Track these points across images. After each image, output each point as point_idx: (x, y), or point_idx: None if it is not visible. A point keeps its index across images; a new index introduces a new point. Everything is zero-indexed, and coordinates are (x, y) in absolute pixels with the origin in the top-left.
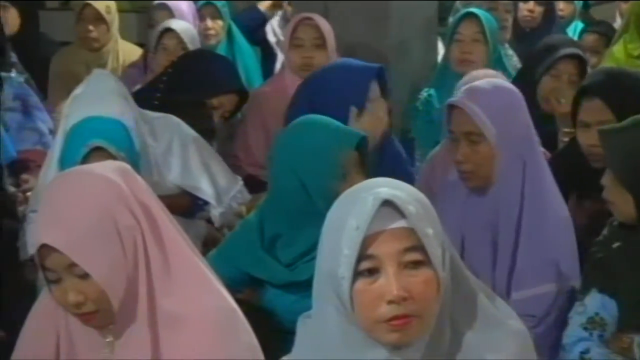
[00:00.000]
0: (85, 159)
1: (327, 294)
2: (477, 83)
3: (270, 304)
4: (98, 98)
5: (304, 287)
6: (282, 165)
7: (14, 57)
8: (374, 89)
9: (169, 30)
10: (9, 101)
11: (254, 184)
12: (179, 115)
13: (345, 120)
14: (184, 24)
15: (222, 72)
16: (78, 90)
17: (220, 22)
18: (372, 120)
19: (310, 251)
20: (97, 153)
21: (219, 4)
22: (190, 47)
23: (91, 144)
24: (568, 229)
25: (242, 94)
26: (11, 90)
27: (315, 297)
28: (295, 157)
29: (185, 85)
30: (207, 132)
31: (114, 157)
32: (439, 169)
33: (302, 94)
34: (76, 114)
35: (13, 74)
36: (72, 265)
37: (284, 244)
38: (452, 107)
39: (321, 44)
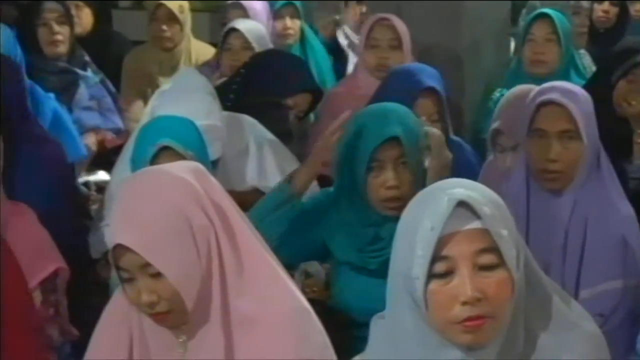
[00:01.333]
0: (154, 159)
1: (401, 294)
2: (559, 83)
3: (342, 289)
4: (186, 95)
5: (373, 273)
6: (340, 145)
7: (86, 56)
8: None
9: (233, 30)
10: (86, 100)
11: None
12: (254, 116)
13: None
14: (250, 23)
15: (296, 72)
16: (165, 86)
17: (298, 22)
18: None
19: (370, 244)
20: (166, 152)
21: (298, 3)
22: (256, 46)
23: (159, 144)
24: (633, 227)
25: (316, 94)
26: (87, 90)
27: (389, 297)
28: (344, 140)
29: (259, 86)
30: (283, 133)
31: (182, 157)
32: (492, 173)
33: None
34: (163, 109)
35: (89, 73)
36: (146, 265)
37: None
38: (540, 105)
39: (397, 45)
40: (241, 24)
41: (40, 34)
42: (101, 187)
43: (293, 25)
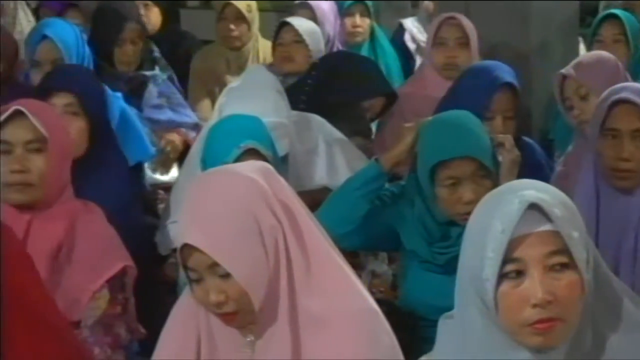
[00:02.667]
0: (236, 160)
1: (470, 295)
2: (631, 84)
3: (410, 284)
4: (254, 92)
5: (441, 269)
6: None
7: (156, 52)
8: (495, 101)
9: (285, 24)
10: (154, 98)
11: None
12: (331, 116)
13: None
14: (302, 19)
15: (372, 76)
16: (234, 84)
17: (367, 21)
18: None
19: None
20: (248, 154)
21: (368, 2)
22: (307, 40)
23: (245, 146)
24: None
25: (390, 96)
26: (156, 88)
27: (457, 297)
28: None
29: (334, 88)
30: (362, 131)
31: (264, 158)
32: (573, 169)
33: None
34: (231, 107)
35: (157, 71)
36: (214, 265)
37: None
38: (613, 104)
39: (465, 42)
40: (293, 19)
41: (117, 54)
42: (169, 186)
43: (362, 23)
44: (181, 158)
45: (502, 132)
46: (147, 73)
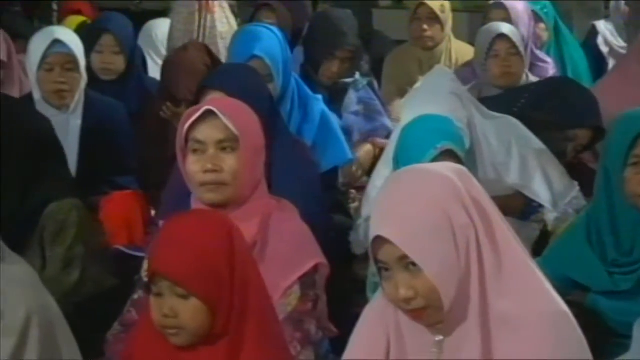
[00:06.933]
0: (432, 161)
1: None
2: None
3: (595, 305)
4: (431, 95)
5: (625, 296)
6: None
7: (364, 60)
8: None
9: (501, 36)
10: (354, 105)
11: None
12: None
13: None
14: (513, 28)
15: (584, 105)
16: (417, 84)
17: (541, 25)
18: None
19: (625, 258)
20: (444, 155)
21: (539, 5)
22: (522, 51)
23: (442, 147)
24: None
25: (598, 131)
26: (356, 94)
27: None
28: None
29: (545, 107)
30: (557, 155)
31: (459, 160)
32: None
33: None
34: (409, 109)
35: (357, 76)
36: (404, 257)
37: (606, 241)
38: None
39: None
40: (506, 29)
41: (324, 67)
42: (361, 185)
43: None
44: (370, 171)
45: None
46: (348, 80)
